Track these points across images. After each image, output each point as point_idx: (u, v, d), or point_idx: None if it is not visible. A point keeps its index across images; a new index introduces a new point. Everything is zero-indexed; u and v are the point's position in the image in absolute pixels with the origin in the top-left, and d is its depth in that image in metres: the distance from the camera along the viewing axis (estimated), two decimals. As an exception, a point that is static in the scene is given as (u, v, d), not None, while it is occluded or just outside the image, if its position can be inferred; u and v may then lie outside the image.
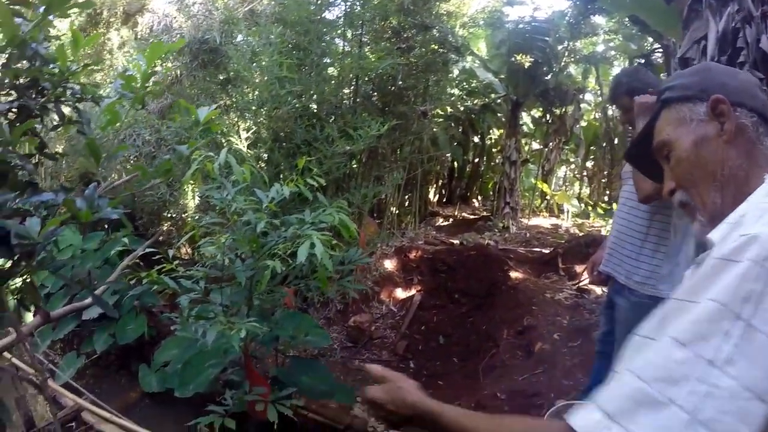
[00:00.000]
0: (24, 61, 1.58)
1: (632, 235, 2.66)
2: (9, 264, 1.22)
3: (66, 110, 1.66)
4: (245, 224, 2.55)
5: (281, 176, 3.85)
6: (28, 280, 1.34)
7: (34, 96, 1.61)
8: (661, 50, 7.47)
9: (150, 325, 4.46)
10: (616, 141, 9.78)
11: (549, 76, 8.32)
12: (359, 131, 3.97)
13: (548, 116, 9.02)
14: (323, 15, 5.46)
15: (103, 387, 4.55)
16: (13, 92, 1.60)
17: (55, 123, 1.74)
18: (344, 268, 2.59)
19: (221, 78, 5.65)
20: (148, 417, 4.14)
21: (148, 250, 3.50)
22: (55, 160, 1.54)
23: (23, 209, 1.23)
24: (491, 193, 10.04)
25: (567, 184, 10.51)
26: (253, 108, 4.44)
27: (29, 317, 3.51)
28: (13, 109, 1.56)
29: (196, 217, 2.95)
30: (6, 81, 1.56)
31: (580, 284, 5.76)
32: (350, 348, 4.98)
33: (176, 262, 2.78)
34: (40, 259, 1.10)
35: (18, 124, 1.40)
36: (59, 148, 4.72)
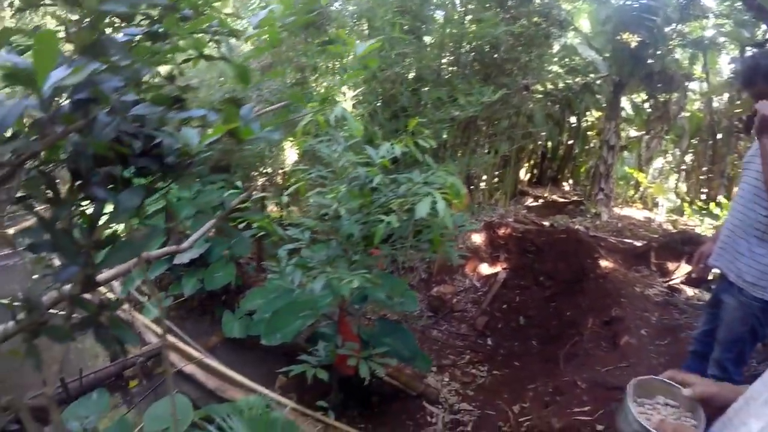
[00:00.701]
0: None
1: (748, 232, 2.46)
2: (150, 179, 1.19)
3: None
4: (354, 179, 2.52)
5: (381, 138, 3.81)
6: (164, 203, 1.34)
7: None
8: (777, 39, 6.83)
9: (236, 275, 4.61)
10: (719, 136, 9.08)
11: (654, 59, 7.80)
12: (468, 97, 3.85)
13: (651, 101, 8.47)
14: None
15: (185, 329, 4.76)
16: (146, 21, 1.59)
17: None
18: (448, 232, 2.52)
19: (321, 40, 5.65)
20: (227, 361, 4.30)
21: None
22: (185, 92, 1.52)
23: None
24: (583, 177, 9.64)
25: (662, 176, 9.88)
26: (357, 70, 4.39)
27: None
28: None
29: (298, 171, 2.96)
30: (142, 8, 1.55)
31: (672, 282, 5.47)
32: (430, 317, 4.97)
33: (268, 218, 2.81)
34: (196, 172, 1.09)
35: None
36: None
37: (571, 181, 9.95)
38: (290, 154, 5.09)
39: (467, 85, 4.40)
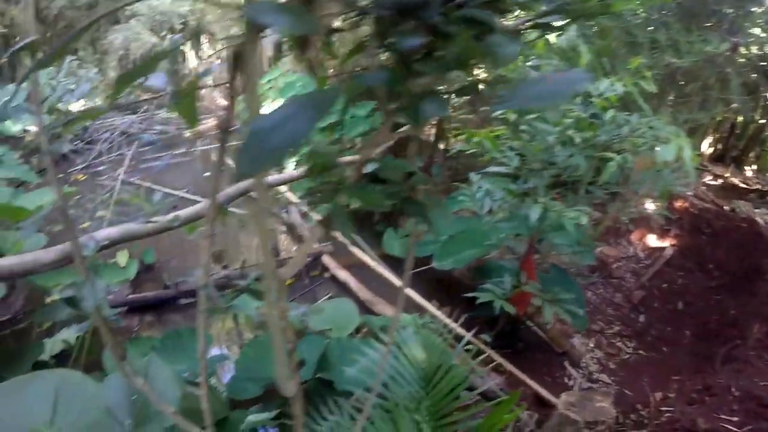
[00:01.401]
0: None
1: None
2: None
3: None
4: (568, 111, 2.42)
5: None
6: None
7: None
8: None
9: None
10: None
11: None
12: (689, 45, 3.46)
13: None
14: None
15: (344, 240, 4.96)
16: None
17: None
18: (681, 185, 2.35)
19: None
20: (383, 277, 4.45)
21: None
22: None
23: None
24: (769, 165, 8.45)
25: None
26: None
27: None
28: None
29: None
30: None
31: None
32: (587, 276, 4.76)
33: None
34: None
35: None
36: None
37: (755, 167, 8.74)
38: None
39: (677, 32, 3.90)
